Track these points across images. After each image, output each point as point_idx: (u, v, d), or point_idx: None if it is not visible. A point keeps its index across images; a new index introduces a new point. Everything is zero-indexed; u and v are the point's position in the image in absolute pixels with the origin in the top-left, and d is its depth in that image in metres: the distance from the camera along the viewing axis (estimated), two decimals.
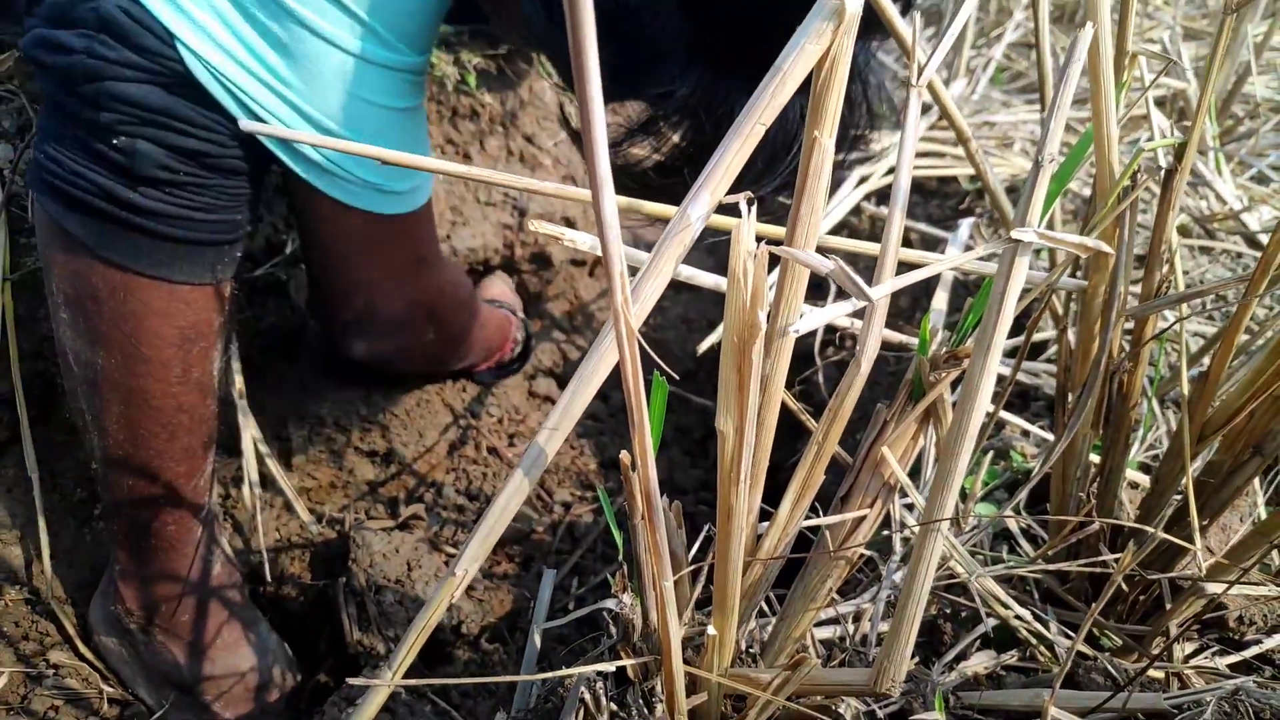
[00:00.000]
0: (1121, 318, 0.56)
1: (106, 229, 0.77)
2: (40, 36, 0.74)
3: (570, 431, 0.56)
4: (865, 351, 0.49)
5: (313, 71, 0.78)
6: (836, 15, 0.40)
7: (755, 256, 0.42)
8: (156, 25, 0.72)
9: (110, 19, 0.72)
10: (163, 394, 0.84)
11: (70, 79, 0.73)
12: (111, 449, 0.86)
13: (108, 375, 0.82)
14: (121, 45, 0.72)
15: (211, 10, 0.74)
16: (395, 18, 0.80)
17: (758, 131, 0.42)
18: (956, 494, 0.53)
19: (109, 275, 0.78)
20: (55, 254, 0.79)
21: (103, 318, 0.80)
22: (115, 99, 0.73)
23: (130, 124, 0.74)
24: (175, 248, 0.79)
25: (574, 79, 0.32)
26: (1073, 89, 0.48)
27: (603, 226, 0.36)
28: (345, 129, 0.82)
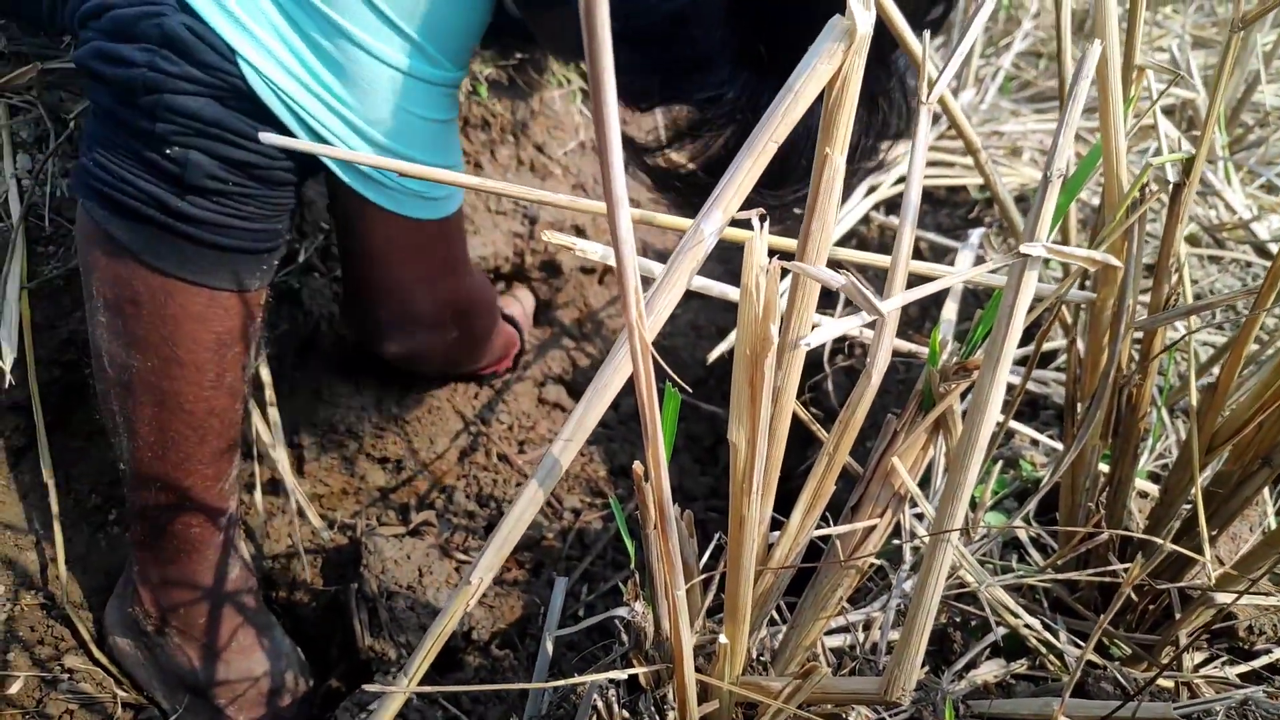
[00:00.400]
0: (1130, 330, 0.57)
1: (153, 234, 0.80)
2: (99, 49, 0.77)
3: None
4: (876, 364, 0.50)
5: (364, 88, 0.81)
6: (848, 36, 0.41)
7: (768, 271, 0.43)
8: (219, 42, 0.76)
9: (174, 35, 0.75)
10: (196, 397, 0.87)
11: (129, 91, 0.76)
12: (141, 450, 0.88)
13: (143, 378, 0.84)
14: (183, 60, 0.76)
15: (271, 29, 0.77)
16: (441, 36, 0.84)
17: (770, 148, 0.43)
18: (966, 505, 0.53)
19: (150, 280, 0.81)
20: (98, 258, 0.82)
21: (141, 321, 0.82)
22: (172, 110, 0.76)
23: (185, 135, 0.77)
24: (218, 255, 0.82)
25: (591, 95, 0.33)
26: (1081, 105, 0.48)
27: (618, 243, 0.37)
28: (394, 141, 0.86)
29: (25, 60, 1.05)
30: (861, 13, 0.40)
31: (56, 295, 1.06)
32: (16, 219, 1.00)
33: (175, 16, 0.76)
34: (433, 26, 0.83)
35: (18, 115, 1.05)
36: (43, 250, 1.05)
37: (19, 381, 1.01)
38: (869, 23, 0.41)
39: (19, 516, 1.02)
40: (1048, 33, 1.65)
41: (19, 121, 1.04)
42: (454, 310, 1.14)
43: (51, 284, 1.05)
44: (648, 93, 0.92)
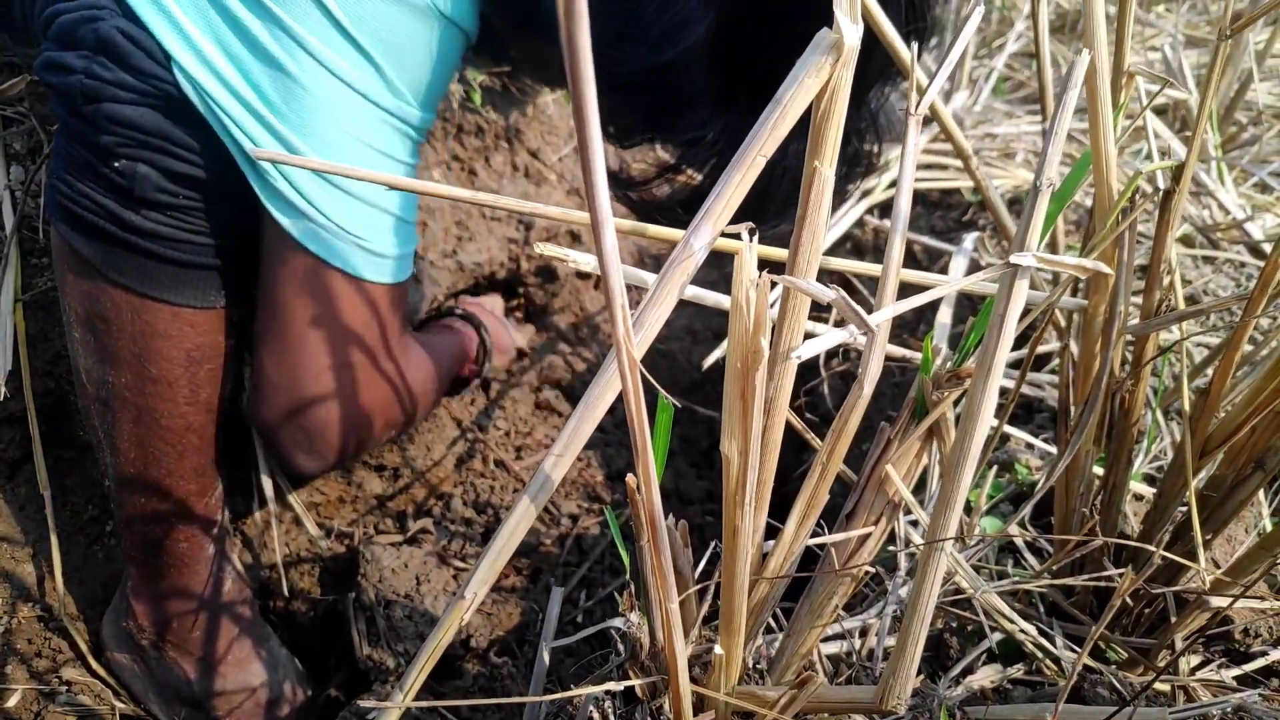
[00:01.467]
0: (1122, 336, 0.57)
1: (112, 250, 0.77)
2: (47, 58, 0.76)
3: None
4: (867, 375, 0.50)
5: (310, 104, 0.74)
6: (835, 49, 0.41)
7: (758, 285, 0.43)
8: (153, 45, 0.72)
9: (108, 40, 0.72)
10: (171, 414, 0.85)
11: (71, 100, 0.74)
12: (123, 467, 0.87)
13: (119, 394, 0.83)
14: (118, 66, 0.73)
15: (209, 31, 0.73)
16: (405, 65, 0.77)
17: (759, 163, 0.43)
18: (960, 513, 0.53)
19: (116, 296, 0.79)
20: (67, 274, 0.80)
21: (112, 337, 0.81)
22: (112, 120, 0.73)
23: (129, 146, 0.74)
24: (178, 271, 0.79)
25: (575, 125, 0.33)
26: (1070, 114, 0.48)
27: (604, 261, 0.37)
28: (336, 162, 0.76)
29: (17, 71, 1.05)
30: (848, 26, 0.40)
31: (51, 307, 1.06)
32: (10, 231, 1.00)
33: (111, 20, 0.73)
34: (396, 51, 0.76)
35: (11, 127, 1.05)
36: (36, 262, 1.04)
37: (13, 393, 1.01)
38: (856, 35, 0.41)
39: (15, 529, 1.02)
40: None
41: (12, 133, 1.04)
42: (390, 420, 0.97)
43: (46, 296, 1.05)
44: (632, 131, 0.93)
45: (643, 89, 0.82)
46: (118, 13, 0.73)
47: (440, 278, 1.38)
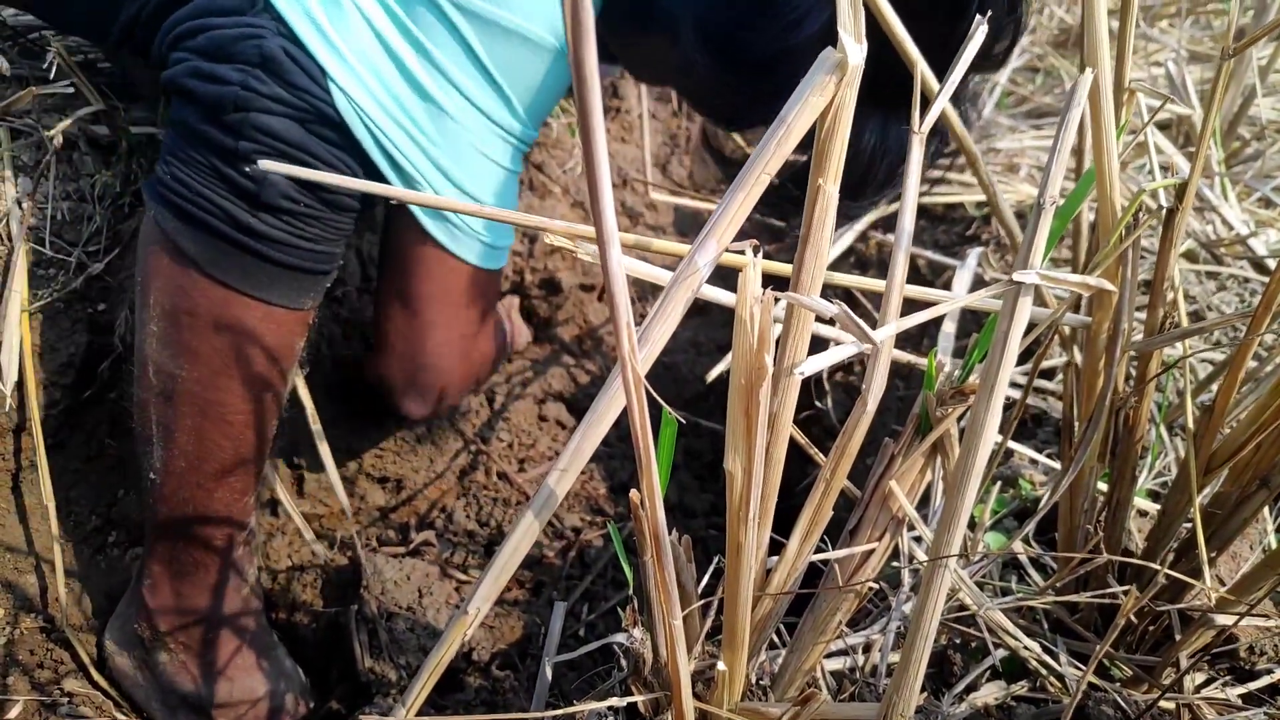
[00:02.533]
0: (1126, 353, 0.57)
1: (220, 248, 0.82)
2: (195, 68, 0.80)
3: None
4: (871, 391, 0.50)
5: (453, 130, 0.85)
6: (839, 68, 0.41)
7: (762, 301, 0.43)
8: (312, 65, 0.79)
9: (271, 56, 0.78)
10: (239, 409, 0.89)
11: (219, 108, 0.79)
12: (175, 459, 0.90)
13: (187, 388, 0.87)
14: (274, 81, 0.79)
15: (364, 57, 0.81)
16: (527, 93, 0.88)
17: (764, 180, 0.43)
18: (963, 529, 0.53)
19: (211, 291, 0.83)
20: (161, 267, 0.84)
21: (196, 332, 0.85)
22: (256, 129, 0.79)
23: (265, 154, 0.80)
24: (280, 272, 0.85)
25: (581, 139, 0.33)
26: (1073, 133, 0.48)
27: (609, 277, 0.37)
28: (474, 185, 0.89)
29: (24, 84, 1.06)
30: (852, 45, 0.41)
31: (56, 318, 1.07)
32: (17, 241, 1.00)
33: (274, 39, 0.79)
34: (524, 84, 0.87)
35: (18, 139, 1.05)
36: (43, 273, 1.05)
37: (19, 404, 1.01)
38: (859, 54, 0.41)
39: (19, 539, 1.03)
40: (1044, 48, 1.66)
41: (19, 145, 1.05)
42: (477, 378, 1.16)
43: (52, 307, 1.05)
44: (739, 116, 1.05)
45: (767, 71, 0.90)
46: (276, 32, 0.79)
47: None
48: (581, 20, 0.30)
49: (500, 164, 0.92)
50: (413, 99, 0.83)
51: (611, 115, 1.53)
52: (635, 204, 1.53)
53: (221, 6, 0.81)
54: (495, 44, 0.83)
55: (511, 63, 0.85)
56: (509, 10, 0.82)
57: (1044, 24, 1.67)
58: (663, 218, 1.56)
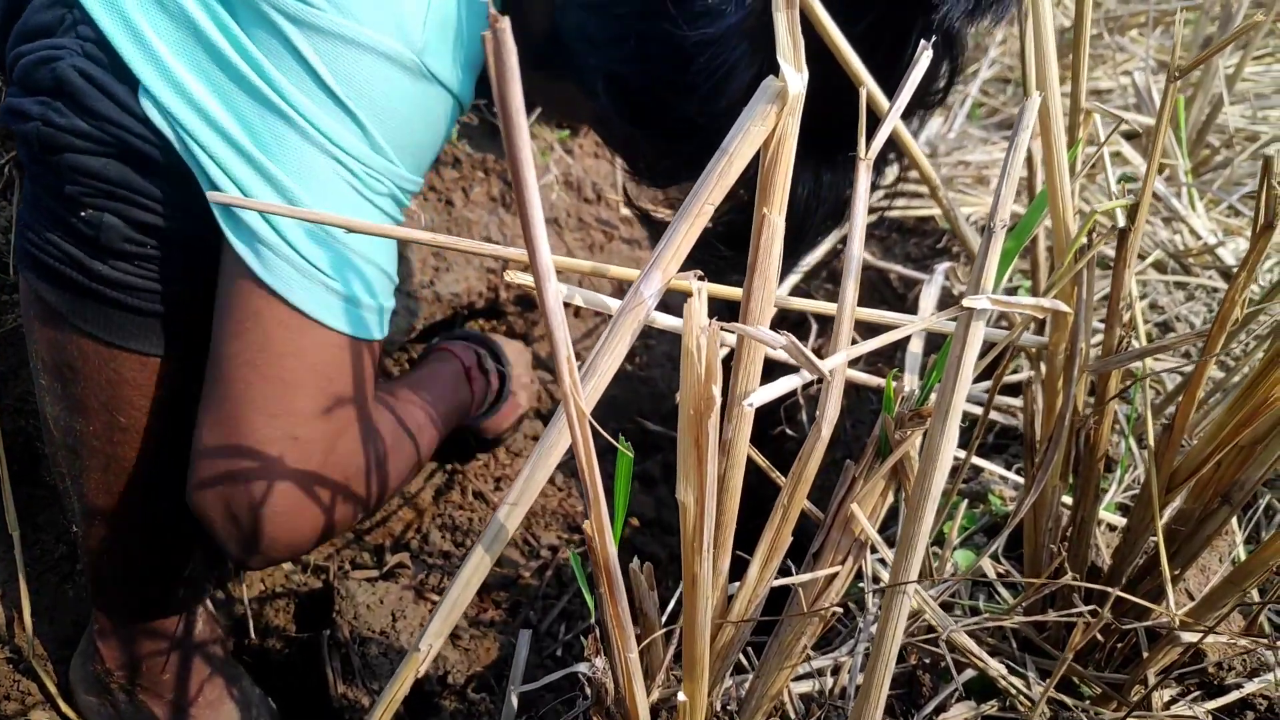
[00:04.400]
0: (1084, 373, 0.57)
1: (80, 299, 0.76)
2: (8, 104, 0.74)
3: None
4: (825, 418, 0.50)
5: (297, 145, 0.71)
6: (780, 98, 0.41)
7: (708, 332, 0.43)
8: (113, 82, 0.70)
9: (65, 80, 0.70)
10: (141, 459, 0.84)
11: (30, 148, 0.73)
12: (91, 513, 0.86)
13: (88, 442, 0.82)
14: (73, 111, 0.71)
15: (188, 61, 0.70)
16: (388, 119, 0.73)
17: (707, 210, 0.43)
18: (921, 556, 0.53)
19: (84, 345, 0.77)
20: (35, 322, 0.79)
21: (80, 386, 0.79)
22: (76, 170, 0.72)
23: (94, 196, 0.72)
24: (146, 320, 0.78)
25: (514, 183, 0.33)
26: (1022, 157, 0.48)
27: (547, 315, 0.36)
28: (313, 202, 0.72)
29: None
30: (792, 74, 0.40)
31: (20, 344, 1.05)
32: None
33: (69, 59, 0.70)
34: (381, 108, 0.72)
35: None
36: (6, 299, 1.04)
37: None
38: (800, 84, 0.41)
39: None
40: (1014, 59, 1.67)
41: None
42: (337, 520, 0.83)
43: (15, 334, 1.04)
44: (674, 174, 0.90)
45: (690, 134, 0.80)
46: (78, 51, 0.71)
47: (418, 308, 1.37)
48: (504, 60, 0.30)
49: (369, 200, 0.75)
50: (246, 103, 0.70)
51: (585, 131, 1.53)
52: (610, 218, 1.53)
53: (34, 27, 0.74)
54: (339, 60, 0.69)
55: (359, 81, 0.70)
56: (352, 19, 0.69)
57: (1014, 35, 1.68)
58: (637, 231, 1.56)
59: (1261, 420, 0.56)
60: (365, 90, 0.71)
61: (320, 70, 0.69)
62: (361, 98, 0.71)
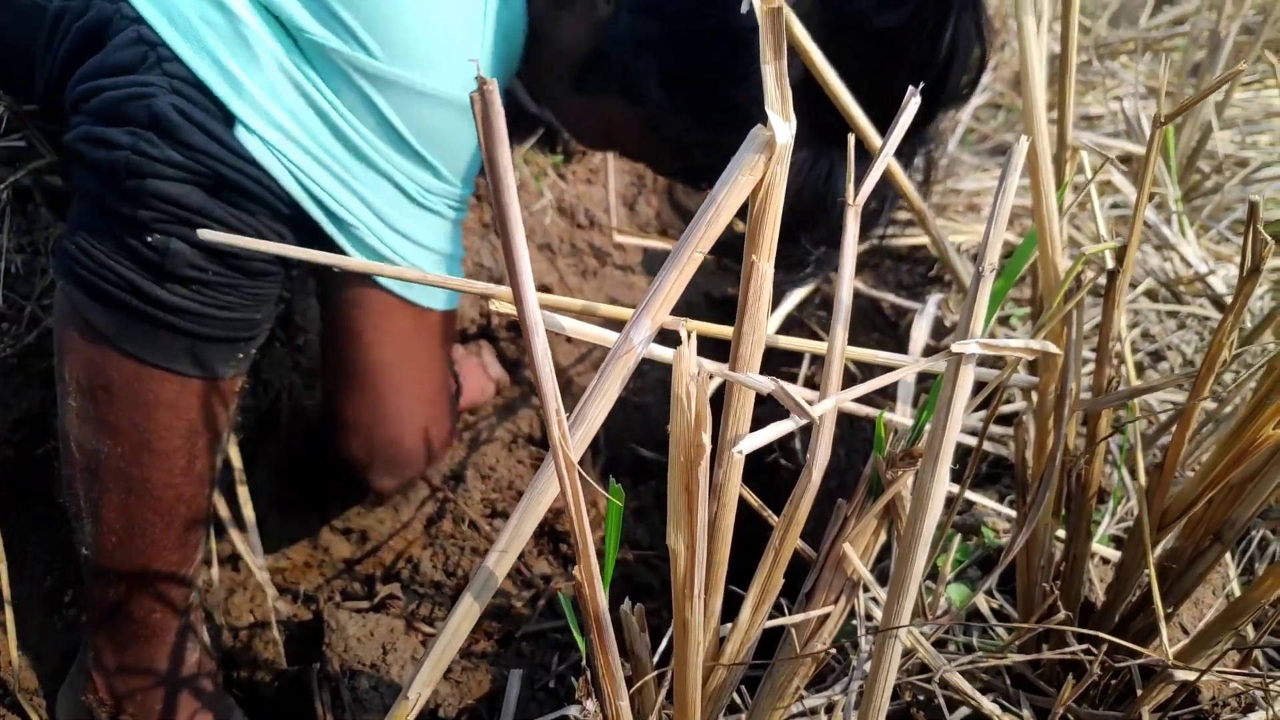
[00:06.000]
0: (1075, 413, 0.57)
1: (129, 322, 0.79)
2: (87, 132, 0.77)
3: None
4: (815, 462, 0.49)
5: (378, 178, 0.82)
6: (768, 147, 0.41)
7: (697, 379, 0.43)
8: (208, 119, 0.75)
9: (162, 115, 0.74)
10: (165, 484, 0.85)
11: (113, 175, 0.76)
12: (105, 536, 0.86)
13: (111, 464, 0.83)
14: (166, 143, 0.75)
15: (280, 102, 0.77)
16: (453, 158, 0.85)
17: (696, 258, 0.43)
18: (913, 598, 0.52)
19: (125, 366, 0.80)
20: (73, 342, 0.81)
21: (113, 407, 0.81)
22: (155, 196, 0.76)
23: (166, 222, 0.77)
24: (193, 343, 0.81)
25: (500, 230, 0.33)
26: (1010, 200, 0.48)
27: (536, 362, 0.36)
28: (413, 228, 0.86)
29: None
30: (780, 124, 0.41)
31: (9, 373, 1.05)
32: None
33: (165, 97, 0.75)
34: (448, 149, 0.84)
35: None
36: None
37: None
38: (787, 133, 0.41)
39: None
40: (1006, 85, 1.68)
41: None
42: (451, 437, 1.08)
43: (5, 362, 1.03)
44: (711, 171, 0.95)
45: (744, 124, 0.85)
46: (168, 89, 0.75)
47: None
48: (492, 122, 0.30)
49: (438, 213, 0.88)
50: (334, 143, 0.79)
51: (578, 157, 1.54)
52: (603, 244, 1.53)
53: (114, 64, 0.77)
54: (411, 110, 0.80)
55: (431, 128, 0.81)
56: (421, 72, 0.78)
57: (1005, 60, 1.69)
58: (631, 257, 1.56)
59: (1251, 460, 0.55)
60: (432, 134, 0.82)
61: (392, 119, 0.79)
62: (429, 140, 0.82)
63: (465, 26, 0.82)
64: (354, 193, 0.82)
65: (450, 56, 0.81)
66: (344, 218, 0.82)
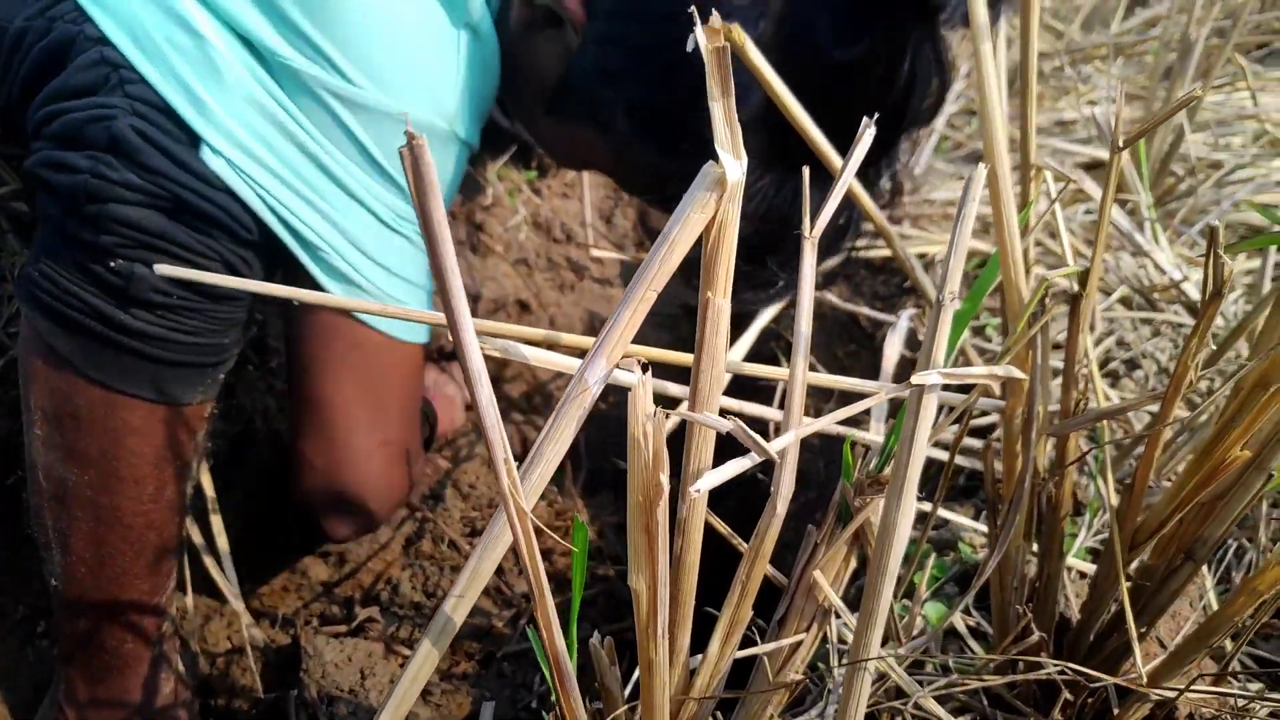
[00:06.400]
0: (1043, 436, 0.56)
1: (94, 348, 0.78)
2: (47, 157, 0.76)
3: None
4: (780, 495, 0.49)
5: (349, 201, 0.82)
6: (719, 184, 0.40)
7: (654, 419, 0.42)
8: (169, 142, 0.74)
9: (121, 138, 0.73)
10: (134, 511, 0.84)
11: (74, 200, 0.75)
12: (74, 565, 0.85)
13: (79, 492, 0.82)
14: (126, 166, 0.74)
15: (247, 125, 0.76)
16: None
17: (650, 296, 0.42)
18: (882, 629, 0.52)
19: (92, 393, 0.79)
20: (39, 369, 0.80)
21: (80, 434, 0.80)
22: (116, 221, 0.74)
23: (129, 247, 0.75)
24: (160, 369, 0.80)
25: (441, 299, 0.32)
26: (969, 228, 0.48)
27: (481, 411, 0.36)
28: (383, 253, 0.85)
29: None
30: (730, 162, 0.40)
31: None
32: None
33: (125, 119, 0.74)
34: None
35: None
36: None
37: None
38: (738, 171, 0.40)
39: None
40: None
41: None
42: (413, 485, 1.04)
43: None
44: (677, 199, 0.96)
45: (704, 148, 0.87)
46: (129, 111, 0.74)
47: None
48: (424, 176, 0.29)
49: (410, 239, 0.87)
50: (305, 165, 0.79)
51: (553, 172, 1.53)
52: (580, 258, 1.53)
53: (76, 86, 0.76)
54: (384, 134, 0.80)
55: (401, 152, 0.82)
56: (395, 97, 0.79)
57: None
58: (609, 270, 1.55)
59: (1221, 479, 0.55)
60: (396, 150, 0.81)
61: (366, 142, 0.79)
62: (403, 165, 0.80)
63: (439, 55, 0.82)
64: (324, 216, 0.81)
65: (424, 83, 0.81)
66: (314, 242, 0.81)
